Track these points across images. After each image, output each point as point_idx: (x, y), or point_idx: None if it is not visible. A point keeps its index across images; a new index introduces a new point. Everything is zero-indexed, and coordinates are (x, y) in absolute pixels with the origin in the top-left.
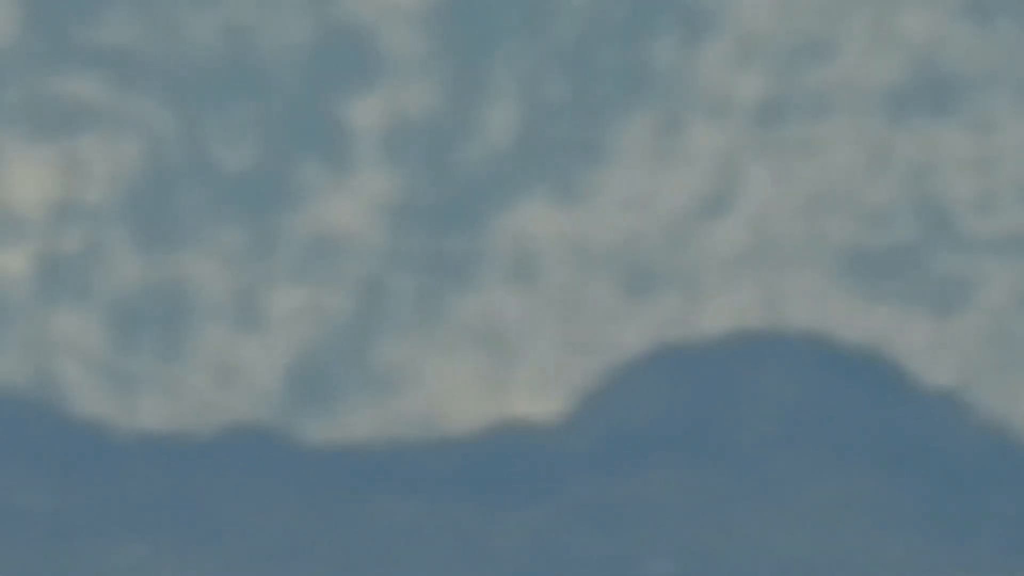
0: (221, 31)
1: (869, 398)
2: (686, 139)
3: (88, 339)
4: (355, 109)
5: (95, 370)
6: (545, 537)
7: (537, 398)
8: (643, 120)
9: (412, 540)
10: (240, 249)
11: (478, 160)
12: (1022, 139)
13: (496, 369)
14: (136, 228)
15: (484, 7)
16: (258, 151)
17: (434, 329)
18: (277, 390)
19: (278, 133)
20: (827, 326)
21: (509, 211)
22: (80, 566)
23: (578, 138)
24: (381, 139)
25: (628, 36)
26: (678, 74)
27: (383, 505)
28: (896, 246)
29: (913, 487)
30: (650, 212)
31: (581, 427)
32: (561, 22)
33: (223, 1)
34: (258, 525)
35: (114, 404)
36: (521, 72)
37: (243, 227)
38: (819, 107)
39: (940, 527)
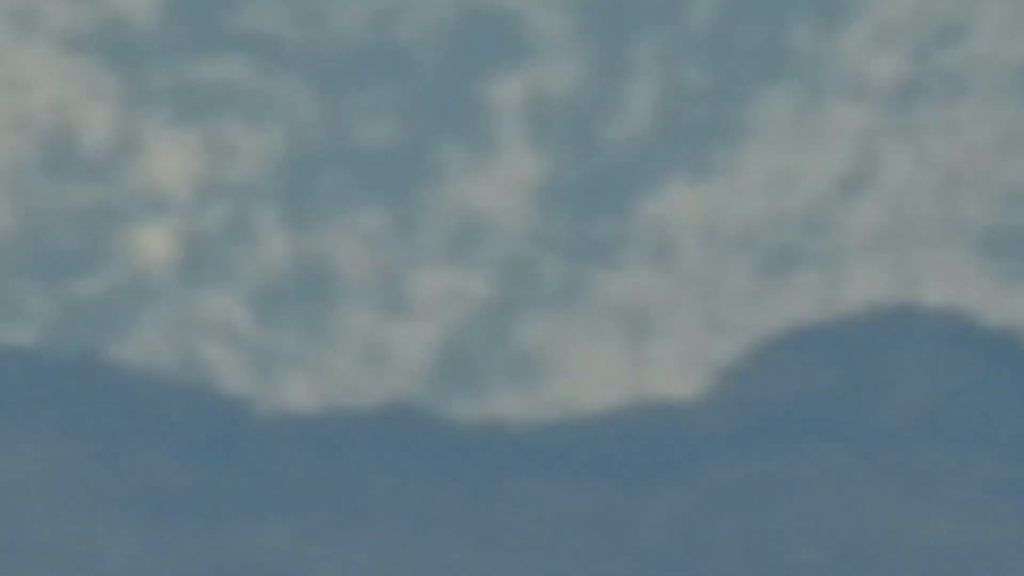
0: (364, 14)
1: (1012, 380)
2: (824, 120)
3: (233, 319)
4: (498, 90)
5: (240, 350)
6: (685, 518)
7: (677, 377)
8: (782, 101)
9: (555, 519)
10: (384, 230)
11: (620, 141)
12: None
13: (637, 349)
14: (280, 208)
15: None
16: (401, 132)
17: (576, 310)
18: (422, 371)
19: (421, 114)
20: (967, 307)
21: (650, 191)
22: (226, 546)
23: (718, 119)
24: (524, 120)
25: (767, 18)
26: (816, 56)
27: (527, 484)
28: None
29: None
30: (789, 192)
31: (721, 407)
32: (701, 4)
33: None
34: (403, 505)
35: (260, 384)
36: (662, 53)
37: (386, 208)
38: (956, 88)
39: None
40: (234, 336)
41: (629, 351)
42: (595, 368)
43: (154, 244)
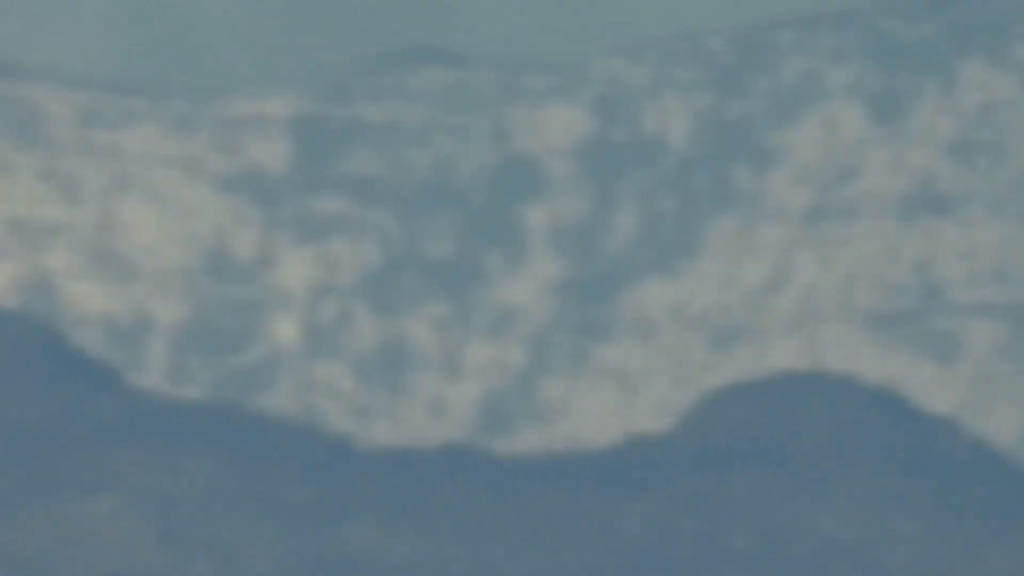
0: (430, 161)
1: (890, 421)
2: (756, 236)
3: (339, 382)
4: (526, 216)
5: (344, 404)
6: (659, 519)
7: (653, 420)
8: (727, 224)
9: (563, 519)
10: (445, 317)
11: (612, 252)
12: (996, 235)
13: (624, 400)
14: (372, 303)
15: (615, 146)
16: (458, 246)
17: (581, 373)
18: (470, 419)
19: (473, 233)
20: (857, 369)
21: (634, 288)
22: (333, 543)
23: (682, 236)
24: (545, 237)
25: (716, 165)
26: (751, 191)
27: (544, 495)
28: (907, 312)
29: (920, 485)
30: (732, 288)
31: (684, 441)
32: (667, 155)
33: (433, 139)
34: (457, 512)
35: (357, 428)
36: (641, 190)
37: (448, 301)
38: (851, 214)
39: (941, 512)
40: (339, 393)
41: (618, 401)
42: (594, 413)
43: (284, 330)
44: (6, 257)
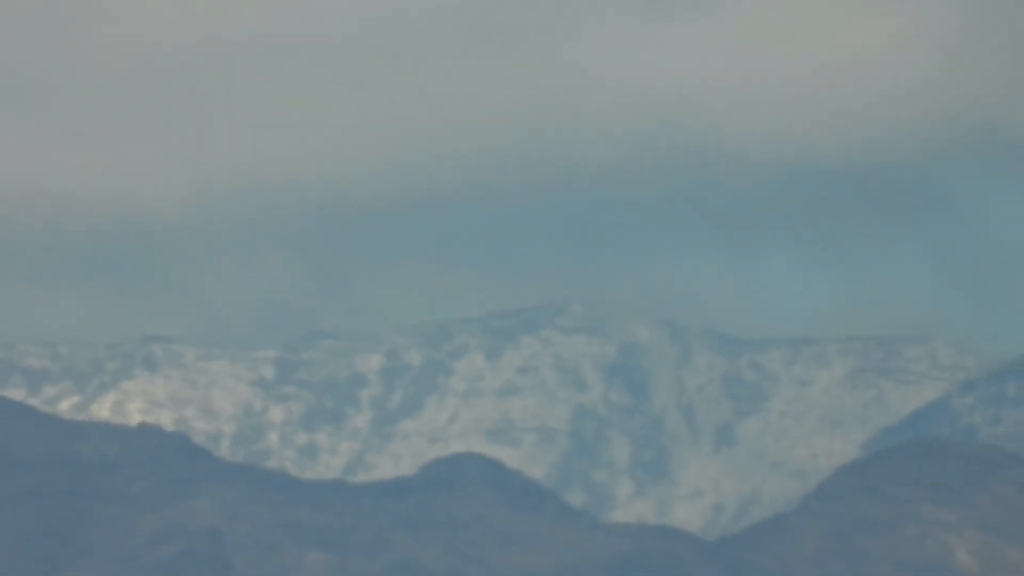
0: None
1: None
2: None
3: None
4: (359, 399)
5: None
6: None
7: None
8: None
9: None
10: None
11: (393, 411)
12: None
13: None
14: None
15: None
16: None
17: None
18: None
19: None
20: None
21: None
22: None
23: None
24: (368, 410)
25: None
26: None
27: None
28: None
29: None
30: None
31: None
32: (406, 375)
33: (330, 367)
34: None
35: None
36: (405, 383)
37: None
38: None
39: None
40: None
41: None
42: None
43: (275, 439)
44: (174, 408)
